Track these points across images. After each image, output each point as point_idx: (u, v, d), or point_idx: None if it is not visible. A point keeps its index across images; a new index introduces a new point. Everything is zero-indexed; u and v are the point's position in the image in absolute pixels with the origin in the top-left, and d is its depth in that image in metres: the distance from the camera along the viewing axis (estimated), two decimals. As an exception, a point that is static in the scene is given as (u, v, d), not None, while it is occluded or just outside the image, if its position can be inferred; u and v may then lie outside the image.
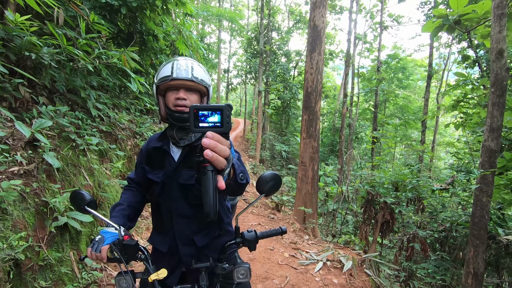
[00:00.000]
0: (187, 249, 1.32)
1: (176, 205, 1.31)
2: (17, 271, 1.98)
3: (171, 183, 1.30)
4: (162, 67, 1.28)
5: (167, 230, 1.34)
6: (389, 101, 15.97)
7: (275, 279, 3.03)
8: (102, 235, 1.20)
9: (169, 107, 1.26)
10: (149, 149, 1.37)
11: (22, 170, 2.37)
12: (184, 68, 1.23)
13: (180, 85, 1.23)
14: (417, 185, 4.19)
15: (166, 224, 1.34)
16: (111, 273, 2.73)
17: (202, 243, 1.32)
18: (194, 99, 1.27)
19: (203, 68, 1.32)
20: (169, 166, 1.31)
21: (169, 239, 1.33)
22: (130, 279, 1.17)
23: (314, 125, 5.56)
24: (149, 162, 1.37)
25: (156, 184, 1.33)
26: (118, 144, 4.38)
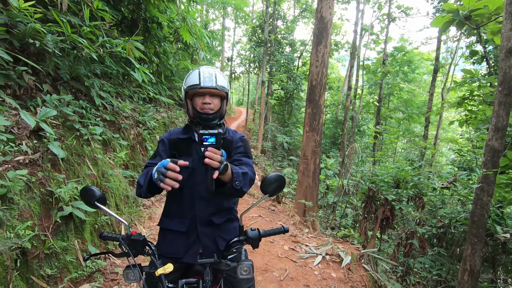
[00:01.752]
0: (205, 229, 1.47)
1: (199, 188, 1.48)
2: (24, 259, 2.02)
3: (198, 169, 1.48)
4: (189, 75, 1.51)
5: (187, 213, 1.49)
6: (394, 94, 15.82)
7: (274, 272, 3.09)
8: (159, 168, 1.18)
9: (197, 109, 1.49)
10: (174, 139, 1.57)
11: (28, 160, 2.38)
12: (209, 77, 1.46)
13: (206, 92, 1.46)
14: (419, 183, 4.20)
15: (187, 206, 1.49)
16: (114, 262, 2.79)
17: (218, 221, 1.50)
18: (217, 102, 1.50)
19: (224, 75, 1.55)
20: (196, 154, 1.52)
21: (188, 221, 1.49)
22: (137, 272, 1.20)
23: (317, 119, 5.53)
24: (175, 150, 1.54)
25: (185, 169, 1.43)
26: (122, 133, 4.38)
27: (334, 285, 2.98)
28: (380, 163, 6.53)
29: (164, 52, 6.84)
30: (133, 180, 4.34)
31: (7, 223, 1.94)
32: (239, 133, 1.75)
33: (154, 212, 4.03)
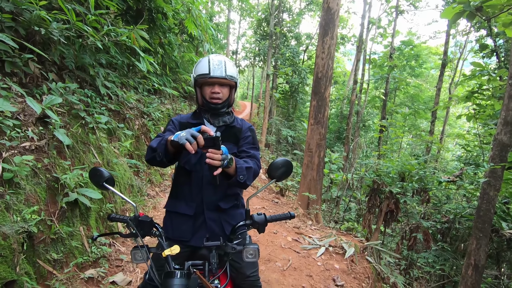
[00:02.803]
0: (212, 214, 1.51)
1: (207, 173, 1.48)
2: (30, 243, 2.05)
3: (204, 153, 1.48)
4: (198, 63, 1.51)
5: (194, 196, 1.51)
6: (400, 89, 15.61)
7: (277, 262, 3.10)
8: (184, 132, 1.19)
9: (206, 98, 1.51)
10: (184, 123, 1.58)
11: (34, 146, 2.40)
12: (219, 66, 1.46)
13: (215, 81, 1.47)
14: (424, 176, 4.16)
15: (195, 190, 1.52)
16: (119, 249, 2.82)
17: (225, 206, 1.53)
18: (226, 91, 1.52)
19: (233, 64, 1.55)
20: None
21: (195, 204, 1.51)
22: (145, 252, 1.21)
23: (322, 112, 5.48)
24: None
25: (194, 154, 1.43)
26: (126, 124, 4.40)
27: (337, 275, 2.98)
28: (385, 157, 6.47)
29: (169, 43, 6.81)
30: (137, 170, 4.37)
31: (13, 207, 1.96)
32: (247, 123, 1.75)
33: (158, 202, 4.06)
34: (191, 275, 1.14)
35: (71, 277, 2.22)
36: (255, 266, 1.71)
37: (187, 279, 1.11)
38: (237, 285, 1.66)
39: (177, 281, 1.08)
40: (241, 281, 1.62)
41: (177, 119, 1.63)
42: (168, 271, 1.12)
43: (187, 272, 1.14)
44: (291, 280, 2.82)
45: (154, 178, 4.77)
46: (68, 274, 2.21)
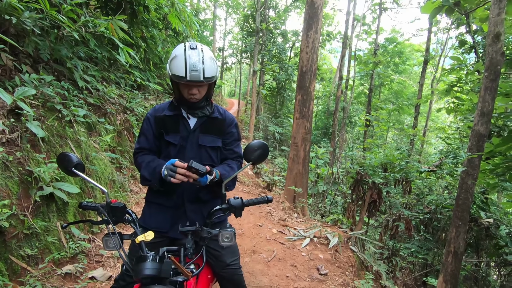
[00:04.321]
0: (192, 206, 1.52)
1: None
2: (1, 238, 1.97)
3: (187, 145, 1.53)
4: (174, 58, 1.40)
5: (175, 188, 1.50)
6: (384, 85, 15.91)
7: (262, 253, 3.10)
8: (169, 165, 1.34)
9: (183, 95, 1.49)
10: (160, 116, 1.56)
11: (5, 139, 2.30)
12: (195, 69, 1.37)
13: (192, 85, 1.42)
14: (406, 167, 4.25)
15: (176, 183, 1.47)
16: (99, 245, 2.75)
17: (206, 198, 1.53)
18: (204, 90, 1.49)
19: (212, 59, 1.43)
20: (184, 131, 1.54)
21: (175, 196, 1.51)
22: (117, 239, 1.17)
23: (307, 106, 5.51)
24: (162, 128, 1.54)
25: (173, 146, 1.53)
26: (108, 119, 4.28)
27: (321, 265, 3.01)
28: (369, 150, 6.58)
29: (152, 38, 6.68)
30: (120, 166, 4.27)
31: (-18, 201, 1.87)
32: (229, 114, 1.73)
33: (141, 198, 3.98)
34: (164, 259, 1.11)
35: (47, 273, 2.14)
36: (236, 255, 1.69)
37: (159, 263, 1.08)
38: (217, 274, 1.65)
39: (149, 265, 1.05)
40: (221, 269, 1.60)
41: (151, 114, 1.59)
42: (140, 255, 1.09)
43: (160, 256, 1.11)
44: (275, 271, 2.83)
45: (137, 174, 4.68)
46: (44, 270, 2.13)
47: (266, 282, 2.64)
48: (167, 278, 1.10)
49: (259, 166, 8.00)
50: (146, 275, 1.03)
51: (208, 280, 1.64)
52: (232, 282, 1.63)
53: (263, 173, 7.62)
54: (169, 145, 1.54)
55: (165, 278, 1.09)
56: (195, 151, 1.55)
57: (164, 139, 1.54)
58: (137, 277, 1.05)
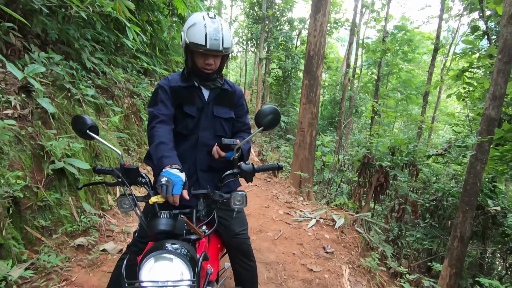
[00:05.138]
0: (205, 174, 1.54)
1: (203, 134, 1.53)
2: (17, 209, 2.02)
3: (202, 116, 1.53)
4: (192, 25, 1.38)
5: (187, 158, 1.53)
6: (392, 74, 15.62)
7: (269, 232, 3.14)
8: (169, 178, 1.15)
9: (198, 65, 1.47)
10: (175, 87, 1.53)
11: (17, 114, 2.34)
12: (215, 38, 1.37)
13: (210, 54, 1.41)
14: (413, 151, 4.21)
15: (189, 152, 1.53)
16: (109, 221, 2.81)
17: (218, 167, 1.55)
18: (219, 62, 1.49)
19: (229, 30, 1.45)
20: (200, 102, 1.54)
21: (188, 166, 1.52)
22: (133, 199, 1.20)
23: (314, 91, 5.46)
24: (179, 99, 1.53)
25: (191, 118, 1.53)
26: (115, 101, 4.31)
27: (327, 244, 3.04)
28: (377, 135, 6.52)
29: (157, 22, 6.63)
30: (127, 149, 4.32)
31: (-3, 171, 1.92)
32: (236, 86, 1.76)
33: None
34: (177, 216, 1.14)
35: (60, 243, 2.21)
36: (244, 225, 1.72)
37: (173, 220, 1.10)
38: (226, 243, 1.68)
39: (164, 221, 1.08)
40: (231, 238, 1.63)
41: (166, 84, 1.56)
42: (154, 213, 1.11)
43: (173, 213, 1.13)
44: (282, 248, 2.86)
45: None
46: (57, 241, 2.19)
47: (273, 258, 2.69)
48: (180, 235, 1.12)
49: (264, 153, 8.01)
50: (160, 230, 1.06)
51: (218, 249, 1.68)
52: (240, 251, 1.66)
53: (268, 160, 7.64)
54: (186, 117, 1.54)
55: (179, 235, 1.11)
56: (209, 122, 1.57)
57: (181, 111, 1.53)
58: (152, 232, 1.07)
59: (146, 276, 0.99)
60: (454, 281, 4.60)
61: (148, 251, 1.02)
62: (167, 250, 1.00)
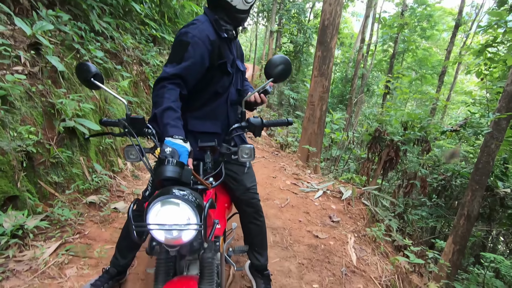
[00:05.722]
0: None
1: (231, 90, 1.52)
2: (30, 164, 2.06)
3: (234, 72, 1.50)
4: None
5: (220, 115, 1.51)
6: (408, 51, 14.95)
7: (276, 200, 3.17)
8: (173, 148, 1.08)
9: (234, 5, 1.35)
10: (215, 41, 1.35)
11: (27, 71, 2.32)
12: None
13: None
14: (427, 125, 4.10)
15: (221, 110, 1.51)
16: (120, 182, 2.86)
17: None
18: None
19: None
20: (230, 56, 1.47)
21: (221, 122, 1.52)
22: (140, 149, 1.19)
23: (327, 63, 5.28)
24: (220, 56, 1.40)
25: (227, 76, 1.46)
26: (124, 67, 4.25)
27: (333, 213, 3.06)
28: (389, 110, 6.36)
29: (167, -12, 6.38)
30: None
31: (9, 125, 1.93)
32: None
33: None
34: (184, 165, 1.10)
35: (73, 199, 2.27)
36: (254, 181, 1.73)
37: (180, 167, 1.05)
38: (237, 199, 1.69)
39: (170, 168, 1.02)
40: (242, 193, 1.64)
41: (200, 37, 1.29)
42: (161, 159, 1.05)
43: (181, 162, 1.10)
44: (288, 215, 2.90)
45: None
46: (70, 197, 2.25)
47: (280, 224, 2.72)
48: (187, 184, 1.09)
49: (273, 128, 7.95)
50: (167, 177, 1.01)
51: (225, 207, 1.69)
52: (251, 205, 1.68)
53: (276, 135, 7.60)
54: (224, 75, 1.45)
55: (186, 184, 1.08)
56: (236, 77, 1.56)
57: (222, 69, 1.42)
58: (158, 178, 1.03)
59: (153, 220, 0.98)
60: (456, 258, 4.65)
61: (155, 196, 1.01)
62: (174, 195, 0.99)
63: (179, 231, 1.00)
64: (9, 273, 1.61)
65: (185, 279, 1.16)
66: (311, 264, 2.29)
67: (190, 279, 1.16)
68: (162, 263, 1.20)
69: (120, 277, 1.73)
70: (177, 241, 1.02)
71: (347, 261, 2.41)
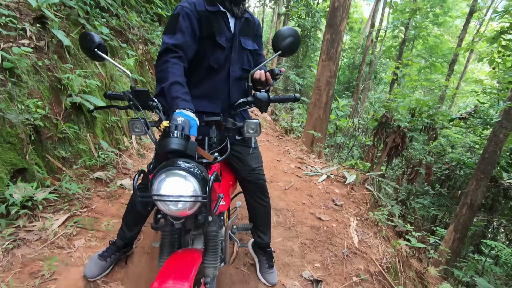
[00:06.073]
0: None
1: (233, 68, 1.46)
2: (38, 137, 2.07)
3: (232, 49, 1.44)
4: None
5: (220, 94, 1.46)
6: (419, 38, 14.54)
7: (280, 182, 3.19)
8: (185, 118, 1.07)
9: None
10: (203, 11, 1.36)
11: (33, 45, 2.29)
12: None
13: None
14: (435, 113, 4.04)
15: (221, 88, 1.47)
16: (126, 160, 2.89)
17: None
18: None
19: None
20: (227, 32, 1.43)
21: (221, 101, 1.47)
22: (145, 121, 1.18)
23: (335, 46, 5.17)
24: (208, 27, 1.37)
25: (221, 50, 1.41)
26: (129, 46, 4.20)
27: (336, 197, 3.08)
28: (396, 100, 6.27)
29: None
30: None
31: (17, 98, 1.93)
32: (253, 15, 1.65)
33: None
34: (189, 138, 1.09)
35: (81, 175, 2.30)
36: (260, 162, 1.73)
37: (185, 140, 1.03)
38: (243, 179, 1.69)
39: (175, 140, 1.00)
40: (248, 173, 1.64)
41: (191, 9, 1.35)
42: (166, 131, 1.03)
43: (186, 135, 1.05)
44: (292, 197, 2.92)
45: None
46: (77, 172, 2.28)
47: (283, 205, 2.75)
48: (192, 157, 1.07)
49: (277, 112, 7.91)
50: (172, 149, 1.00)
51: (229, 185, 1.69)
52: (257, 186, 1.68)
53: (281, 120, 7.56)
54: (217, 48, 1.41)
55: (191, 157, 1.06)
56: (237, 54, 1.49)
57: (213, 41, 1.39)
58: (163, 150, 1.02)
59: (158, 192, 0.98)
60: (456, 245, 4.69)
61: (160, 168, 1.00)
62: (179, 167, 0.98)
63: (184, 203, 1.00)
64: (20, 242, 1.66)
65: (189, 251, 1.18)
66: (313, 245, 2.32)
67: (194, 251, 1.18)
68: (167, 235, 1.22)
69: (127, 249, 1.78)
70: (182, 212, 1.03)
71: (349, 243, 2.44)
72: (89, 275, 1.58)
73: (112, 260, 1.68)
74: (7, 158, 1.80)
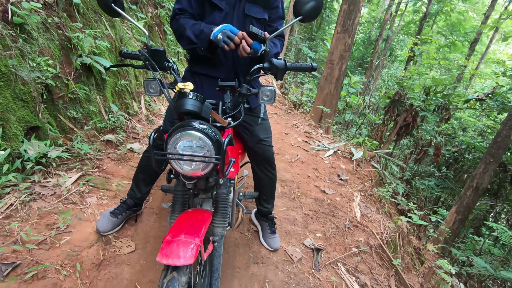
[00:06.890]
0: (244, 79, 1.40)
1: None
2: (50, 97, 2.09)
3: (233, 13, 1.42)
4: None
5: (224, 60, 1.46)
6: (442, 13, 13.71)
7: (286, 155, 3.21)
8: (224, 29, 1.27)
9: None
10: None
11: (42, 1, 2.24)
12: None
13: None
14: (450, 93, 3.91)
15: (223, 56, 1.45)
16: (135, 125, 2.91)
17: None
18: None
19: None
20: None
21: (225, 69, 1.48)
22: (161, 81, 1.17)
23: (352, 18, 4.92)
24: None
25: (219, 11, 1.41)
26: (139, 8, 4.07)
27: (342, 172, 3.10)
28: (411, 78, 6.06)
29: None
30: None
31: (28, 56, 1.92)
32: None
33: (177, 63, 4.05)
34: (204, 100, 1.09)
35: (92, 136, 2.34)
36: (269, 133, 1.72)
37: (200, 102, 1.04)
38: (250, 149, 1.70)
39: (191, 101, 1.02)
40: (255, 144, 1.64)
41: None
42: (181, 92, 1.04)
43: (201, 97, 1.06)
44: (297, 170, 2.95)
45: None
46: (88, 133, 2.32)
47: (288, 177, 2.79)
48: (207, 120, 1.08)
49: (287, 86, 7.76)
50: (187, 110, 1.01)
51: (238, 153, 1.70)
52: (264, 157, 1.69)
53: (290, 94, 7.44)
54: (215, 10, 1.42)
55: (205, 119, 1.07)
56: (240, 20, 1.44)
57: (210, 2, 1.40)
58: (179, 111, 1.03)
59: (172, 150, 1.00)
60: (457, 227, 4.75)
61: (175, 127, 1.02)
62: (194, 127, 1.00)
63: (197, 163, 1.02)
64: (36, 196, 1.74)
65: (200, 211, 1.22)
66: (316, 216, 2.38)
67: (205, 211, 1.22)
68: (179, 195, 1.25)
69: (137, 208, 1.85)
70: (194, 173, 1.06)
71: (351, 216, 2.49)
72: (101, 229, 1.66)
73: (123, 218, 1.76)
74: (21, 115, 1.83)
